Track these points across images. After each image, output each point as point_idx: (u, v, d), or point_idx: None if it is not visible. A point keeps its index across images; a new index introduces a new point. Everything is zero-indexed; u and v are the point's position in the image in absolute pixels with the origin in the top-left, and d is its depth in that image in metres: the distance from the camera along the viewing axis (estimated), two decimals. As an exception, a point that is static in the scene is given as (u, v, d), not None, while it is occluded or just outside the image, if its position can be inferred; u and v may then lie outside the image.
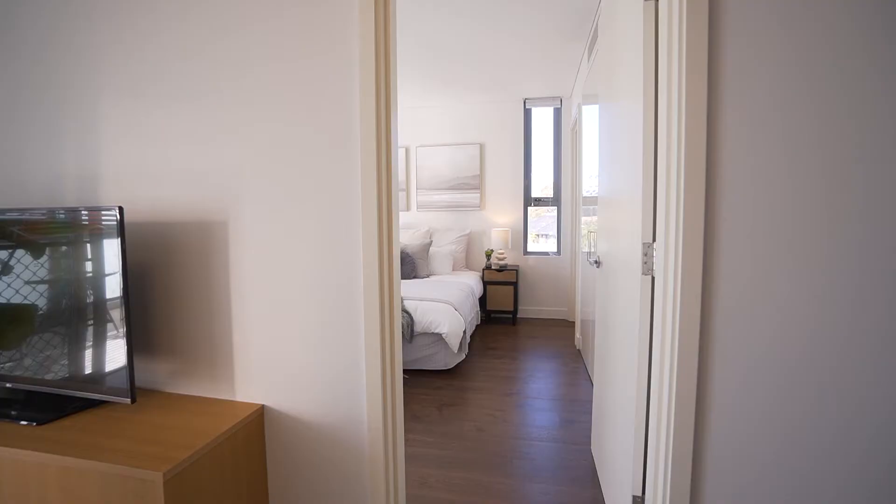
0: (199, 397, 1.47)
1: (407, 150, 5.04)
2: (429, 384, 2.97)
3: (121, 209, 1.24)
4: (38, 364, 1.37)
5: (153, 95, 1.41)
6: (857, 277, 0.97)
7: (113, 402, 1.39)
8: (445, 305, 3.17)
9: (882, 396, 0.98)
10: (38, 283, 1.37)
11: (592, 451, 2.10)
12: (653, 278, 1.21)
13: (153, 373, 1.51)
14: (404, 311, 3.10)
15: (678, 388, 1.07)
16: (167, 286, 1.46)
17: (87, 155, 1.49)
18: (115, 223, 1.25)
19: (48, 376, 1.36)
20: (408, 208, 5.09)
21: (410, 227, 5.00)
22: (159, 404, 1.41)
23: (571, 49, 3.43)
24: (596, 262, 1.95)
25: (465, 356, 3.30)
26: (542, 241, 5.11)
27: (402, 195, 5.08)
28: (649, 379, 1.23)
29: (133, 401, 1.28)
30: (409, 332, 3.02)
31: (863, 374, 0.99)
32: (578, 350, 3.69)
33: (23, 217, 1.37)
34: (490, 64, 3.73)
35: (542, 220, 5.10)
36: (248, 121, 1.34)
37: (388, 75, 1.27)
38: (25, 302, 1.38)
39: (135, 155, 1.44)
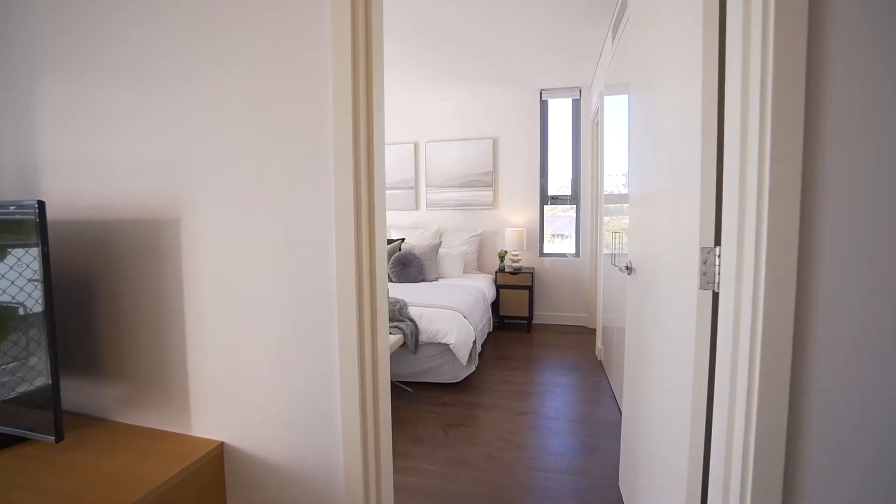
0: (151, 430, 1.22)
1: (416, 146, 4.79)
2: (434, 399, 2.70)
3: (41, 204, 1.01)
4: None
5: (98, 72, 1.17)
6: None
7: (38, 440, 1.16)
8: (453, 313, 2.89)
9: None
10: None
11: (621, 488, 1.80)
12: (714, 292, 0.92)
13: (100, 398, 1.28)
14: (408, 318, 2.84)
15: (759, 438, 0.78)
16: (115, 295, 1.22)
17: (23, 142, 1.26)
18: (33, 221, 1.01)
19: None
20: (416, 207, 4.84)
21: (419, 227, 4.75)
22: (101, 440, 1.16)
23: (592, 32, 3.12)
24: (627, 267, 1.65)
25: (475, 368, 3.03)
26: (556, 241, 4.80)
27: (410, 194, 4.82)
28: (709, 415, 0.94)
29: (59, 439, 1.04)
30: (414, 341, 2.75)
31: None
32: (600, 362, 3.38)
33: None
34: (502, 52, 3.44)
35: (558, 220, 4.79)
36: (204, 102, 1.09)
37: (370, 54, 1.01)
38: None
39: (79, 142, 1.21)
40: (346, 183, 0.98)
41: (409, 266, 3.95)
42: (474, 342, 2.92)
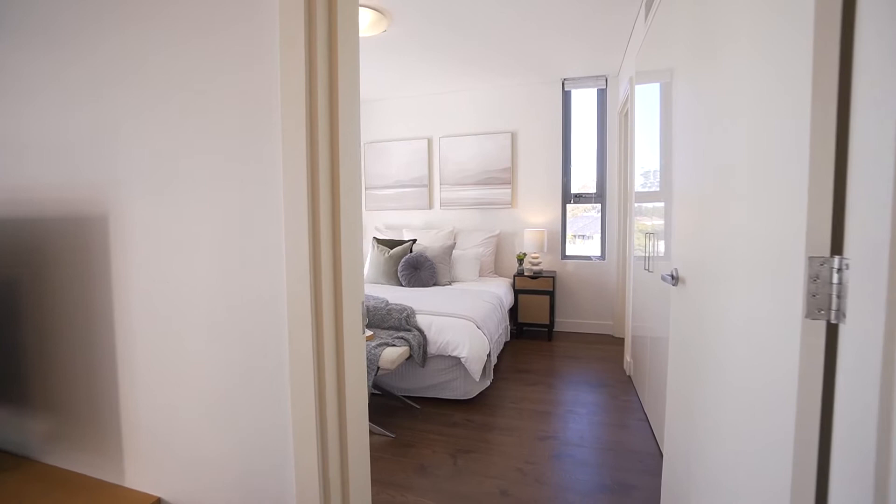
0: (79, 476, 0.99)
1: (429, 142, 4.53)
2: (443, 419, 2.43)
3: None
4: None
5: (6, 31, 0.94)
6: None
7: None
8: (466, 322, 2.62)
9: None
10: None
11: (662, 542, 1.49)
12: (829, 323, 0.62)
13: (26, 432, 1.05)
14: (416, 328, 2.58)
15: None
16: (41, 310, 1.00)
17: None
18: None
19: None
20: (430, 206, 4.58)
21: (432, 228, 4.48)
22: (12, 491, 0.94)
23: (620, 11, 2.80)
24: (672, 276, 1.35)
25: (489, 383, 2.74)
26: (578, 242, 4.46)
27: (423, 192, 4.57)
28: (823, 481, 0.65)
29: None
30: (421, 354, 2.49)
31: None
32: (629, 377, 3.04)
33: None
34: (521, 37, 3.15)
35: (580, 220, 4.45)
36: (130, 74, 0.85)
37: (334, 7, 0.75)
38: None
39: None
40: (297, 187, 0.72)
41: (420, 269, 3.70)
42: (488, 355, 2.63)
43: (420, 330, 2.57)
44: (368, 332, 2.44)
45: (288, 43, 0.71)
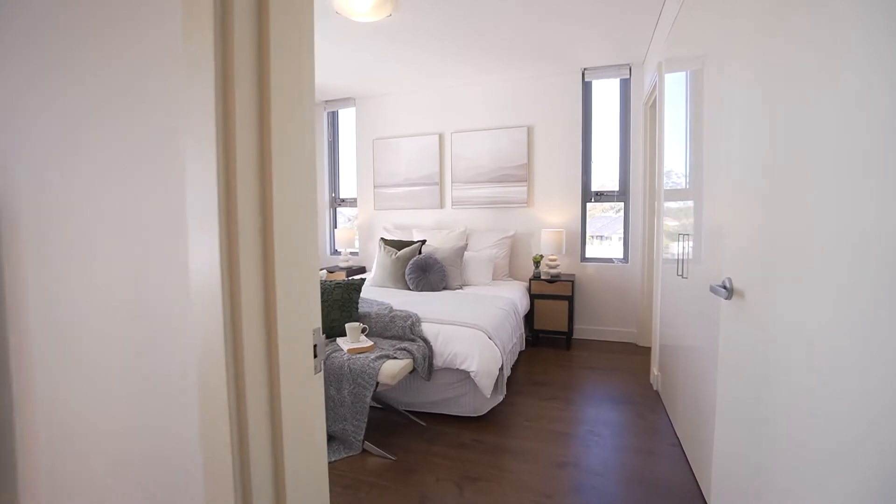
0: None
1: (440, 137, 4.31)
2: (450, 439, 2.21)
3: None
4: None
5: None
6: None
7: None
8: (476, 332, 2.39)
9: None
10: None
11: None
12: None
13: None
14: (421, 338, 2.36)
15: None
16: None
17: None
18: None
19: None
20: (441, 206, 4.36)
21: (443, 228, 4.26)
22: None
23: (652, -14, 2.53)
24: (724, 287, 1.09)
25: (502, 398, 2.51)
26: (596, 243, 4.18)
27: (433, 190, 4.35)
28: None
29: None
30: (427, 366, 2.27)
31: None
32: (656, 392, 2.77)
33: None
34: (537, 25, 2.90)
35: (597, 221, 4.17)
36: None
37: None
38: None
39: None
40: (205, 185, 0.50)
41: (428, 272, 3.48)
42: (501, 368, 2.40)
43: (425, 340, 2.35)
44: (369, 343, 2.23)
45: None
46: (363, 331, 2.31)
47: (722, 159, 1.37)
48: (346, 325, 2.25)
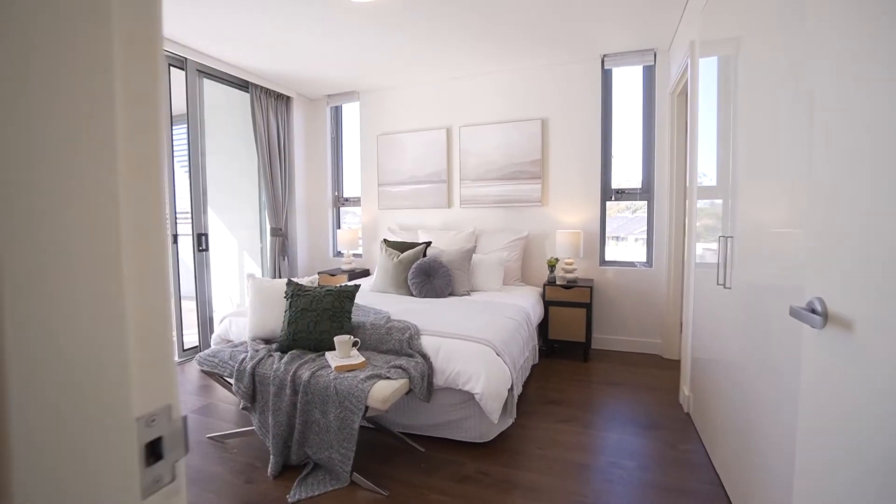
0: None
1: (448, 132, 4.04)
2: (452, 470, 1.93)
3: None
4: None
5: None
6: None
7: None
8: (483, 347, 2.11)
9: None
10: None
11: None
12: None
13: None
14: (420, 353, 2.10)
15: None
16: None
17: None
18: None
19: None
20: (448, 205, 4.09)
21: (450, 229, 3.99)
22: None
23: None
24: (813, 311, 0.80)
25: (512, 421, 2.22)
26: (612, 244, 3.85)
27: (441, 188, 4.08)
28: None
29: None
30: (425, 386, 2.00)
31: None
32: (688, 415, 2.45)
33: None
34: (552, 7, 2.61)
35: (614, 221, 3.85)
36: None
37: None
38: None
39: None
40: None
41: (433, 277, 3.21)
42: (510, 389, 2.12)
43: (424, 355, 2.08)
44: (360, 358, 1.97)
45: None
46: (355, 344, 2.06)
47: (790, 142, 1.07)
48: (335, 339, 2.00)
